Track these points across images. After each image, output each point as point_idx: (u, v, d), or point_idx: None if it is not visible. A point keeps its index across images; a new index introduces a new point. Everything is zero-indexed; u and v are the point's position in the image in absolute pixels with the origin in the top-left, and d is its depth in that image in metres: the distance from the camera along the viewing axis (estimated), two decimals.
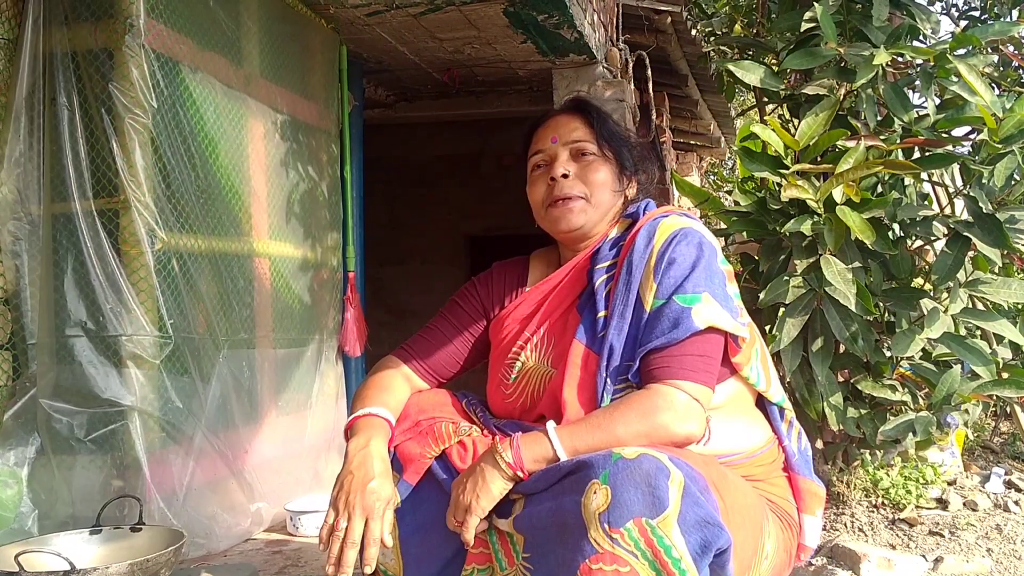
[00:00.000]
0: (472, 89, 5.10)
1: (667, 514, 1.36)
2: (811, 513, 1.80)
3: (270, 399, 3.27)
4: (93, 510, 2.38)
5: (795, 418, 1.83)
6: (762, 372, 1.76)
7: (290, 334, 3.44)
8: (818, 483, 1.82)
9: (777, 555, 1.70)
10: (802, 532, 1.80)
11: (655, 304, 1.65)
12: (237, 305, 3.05)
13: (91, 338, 2.58)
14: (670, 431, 1.55)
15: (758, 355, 1.76)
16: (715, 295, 1.64)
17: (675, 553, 1.36)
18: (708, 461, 1.58)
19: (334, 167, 3.87)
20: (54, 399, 2.54)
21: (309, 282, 3.61)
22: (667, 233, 1.71)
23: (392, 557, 1.73)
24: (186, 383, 2.75)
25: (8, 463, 2.51)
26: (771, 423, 1.81)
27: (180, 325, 2.72)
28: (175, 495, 2.64)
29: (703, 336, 1.62)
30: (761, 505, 1.68)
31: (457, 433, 1.72)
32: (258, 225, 3.25)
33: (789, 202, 2.82)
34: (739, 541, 1.49)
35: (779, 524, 1.73)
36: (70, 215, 2.59)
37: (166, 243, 2.68)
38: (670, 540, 1.36)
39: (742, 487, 1.65)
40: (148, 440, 2.59)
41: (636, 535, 1.36)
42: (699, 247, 1.69)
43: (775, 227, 2.82)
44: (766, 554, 1.65)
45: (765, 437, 1.77)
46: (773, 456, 1.78)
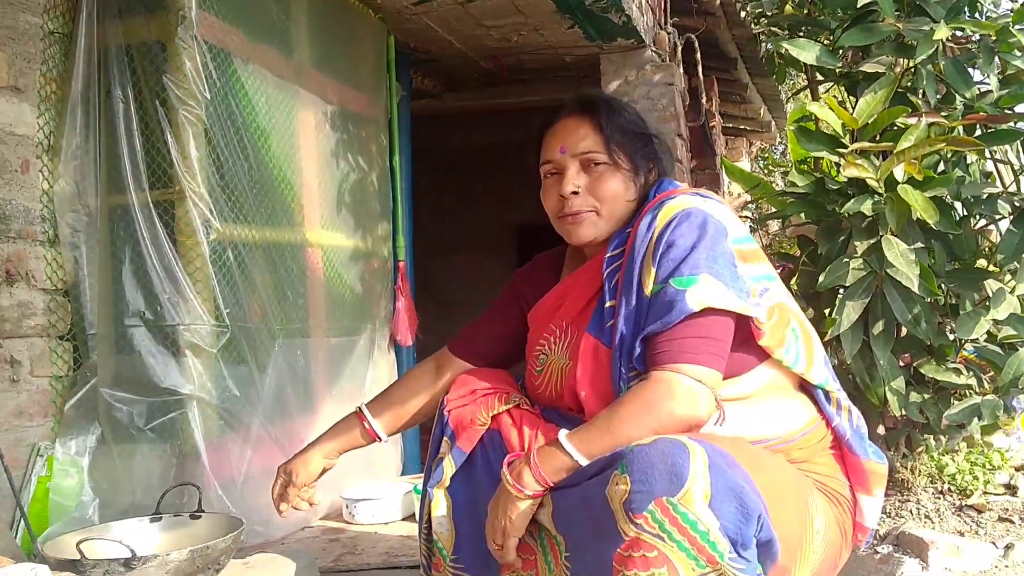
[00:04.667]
0: (519, 77, 5.06)
1: (687, 489, 1.33)
2: (867, 492, 1.72)
3: (324, 388, 3.28)
4: (153, 498, 2.40)
5: (845, 397, 1.74)
6: (802, 353, 1.67)
7: (343, 323, 3.45)
8: (876, 460, 1.73)
9: (829, 529, 1.63)
10: (858, 511, 1.74)
11: (654, 289, 1.60)
12: (291, 294, 3.06)
13: (149, 328, 2.60)
14: (676, 417, 1.51)
15: (797, 336, 1.68)
16: (717, 275, 1.57)
17: (701, 527, 1.33)
18: (738, 442, 1.53)
19: (383, 157, 3.87)
20: (114, 388, 2.57)
21: (360, 272, 3.62)
22: (669, 215, 1.66)
23: (447, 527, 1.75)
24: (243, 372, 2.76)
25: (69, 452, 2.55)
26: (816, 404, 1.73)
27: (236, 314, 2.73)
28: (233, 483, 2.66)
29: (703, 318, 1.55)
30: (804, 480, 1.63)
31: (507, 402, 1.75)
32: (310, 215, 3.26)
33: (848, 182, 2.76)
34: (780, 515, 1.44)
35: (827, 500, 1.67)
36: (127, 206, 2.61)
37: (221, 233, 2.70)
38: (694, 514, 1.33)
39: (779, 463, 1.59)
40: (207, 428, 2.61)
41: (659, 516, 1.34)
42: (701, 227, 1.62)
43: (834, 208, 2.76)
44: (816, 529, 1.59)
45: (807, 419, 1.70)
46: (819, 436, 1.71)
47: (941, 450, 3.01)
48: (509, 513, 1.57)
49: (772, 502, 1.41)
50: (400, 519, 3.07)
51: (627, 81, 4.32)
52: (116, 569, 1.79)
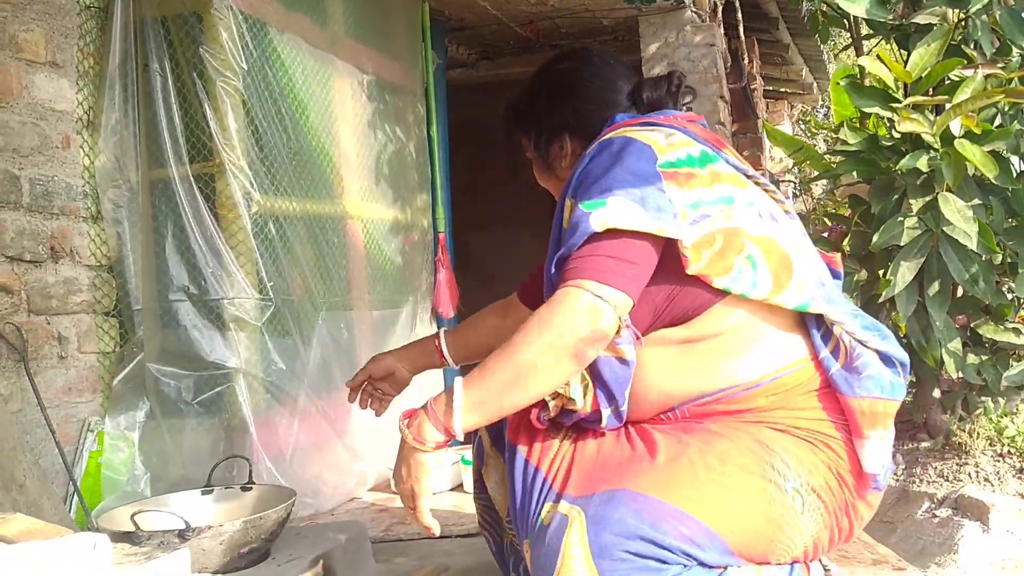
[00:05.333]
0: (555, 43, 4.99)
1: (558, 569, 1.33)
2: (857, 435, 1.49)
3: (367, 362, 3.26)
4: (203, 471, 2.40)
5: (850, 326, 1.51)
6: (764, 279, 1.47)
7: (384, 296, 3.43)
8: (865, 397, 1.49)
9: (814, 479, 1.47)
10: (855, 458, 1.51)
11: (567, 217, 1.50)
12: (333, 267, 3.04)
13: (194, 302, 2.59)
14: (576, 331, 1.38)
15: (756, 263, 1.48)
16: (630, 196, 1.43)
17: None
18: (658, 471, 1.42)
19: (420, 127, 3.83)
20: (161, 363, 2.57)
21: (400, 244, 3.59)
22: (593, 148, 1.55)
23: (499, 491, 1.77)
24: (288, 345, 2.75)
25: (119, 427, 2.55)
26: (810, 338, 1.53)
27: (279, 287, 2.72)
28: (282, 456, 2.65)
29: (611, 240, 1.42)
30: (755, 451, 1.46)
31: None
32: (349, 187, 3.23)
33: (902, 138, 2.68)
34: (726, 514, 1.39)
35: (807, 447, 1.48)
36: (167, 181, 2.60)
37: (262, 206, 2.68)
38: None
39: (715, 456, 1.44)
40: (254, 402, 2.60)
41: None
42: (619, 151, 1.49)
43: (888, 165, 2.68)
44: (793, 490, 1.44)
45: (783, 362, 1.50)
46: (798, 379, 1.50)
47: (1000, 412, 2.94)
48: (414, 471, 1.45)
49: (706, 508, 1.38)
50: (448, 489, 3.06)
51: (667, 43, 4.24)
52: (171, 540, 1.78)
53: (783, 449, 1.46)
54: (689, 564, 1.36)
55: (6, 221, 2.31)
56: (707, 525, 1.36)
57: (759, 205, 1.56)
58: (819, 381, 1.51)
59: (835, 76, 3.28)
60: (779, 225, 1.56)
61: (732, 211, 1.51)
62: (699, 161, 1.54)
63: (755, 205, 1.55)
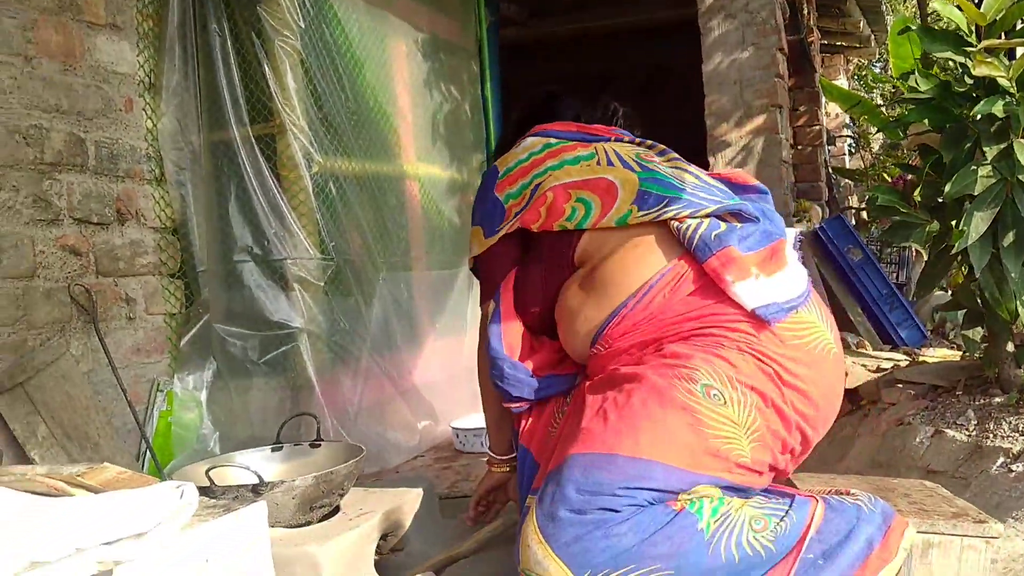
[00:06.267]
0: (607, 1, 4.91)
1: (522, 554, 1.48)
2: (726, 286, 1.60)
3: (428, 322, 3.27)
4: (270, 430, 2.43)
5: (685, 219, 1.69)
6: (594, 209, 1.75)
7: (442, 256, 3.43)
8: (725, 249, 1.63)
9: (727, 370, 1.54)
10: (755, 320, 1.60)
11: None
12: (392, 227, 3.04)
13: (257, 263, 2.61)
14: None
15: (588, 201, 1.76)
16: (478, 220, 1.89)
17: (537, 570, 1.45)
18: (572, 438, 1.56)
19: (475, 86, 3.80)
20: (227, 324, 2.59)
21: (458, 204, 3.58)
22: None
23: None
24: (350, 305, 2.76)
25: (188, 387, 2.59)
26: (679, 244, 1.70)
27: (341, 247, 2.73)
28: (347, 414, 2.67)
29: (480, 265, 1.93)
30: (658, 378, 1.54)
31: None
32: (406, 147, 3.22)
33: (975, 84, 2.58)
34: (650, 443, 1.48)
35: (706, 344, 1.58)
36: (229, 142, 2.61)
37: (322, 166, 2.68)
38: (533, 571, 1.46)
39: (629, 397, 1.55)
40: (318, 361, 2.62)
41: None
42: (480, 188, 1.91)
43: (961, 112, 2.59)
44: (696, 392, 1.51)
45: (658, 266, 1.68)
46: (674, 278, 1.65)
47: None
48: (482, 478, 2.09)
49: (627, 442, 1.48)
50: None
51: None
52: (245, 495, 1.80)
53: (686, 357, 1.57)
54: (639, 502, 1.44)
55: (73, 184, 2.34)
56: (634, 456, 1.46)
57: (601, 156, 1.83)
58: (692, 275, 1.66)
59: (894, 27, 3.16)
60: (616, 168, 1.80)
61: (560, 173, 1.81)
62: (537, 152, 1.87)
63: (595, 157, 1.83)
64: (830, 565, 1.44)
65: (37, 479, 1.08)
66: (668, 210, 1.70)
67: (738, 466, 1.51)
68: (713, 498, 1.49)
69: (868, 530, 1.48)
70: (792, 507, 1.50)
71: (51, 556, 0.94)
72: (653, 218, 1.71)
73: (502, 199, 1.87)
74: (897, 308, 4.15)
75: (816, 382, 1.61)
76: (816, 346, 1.63)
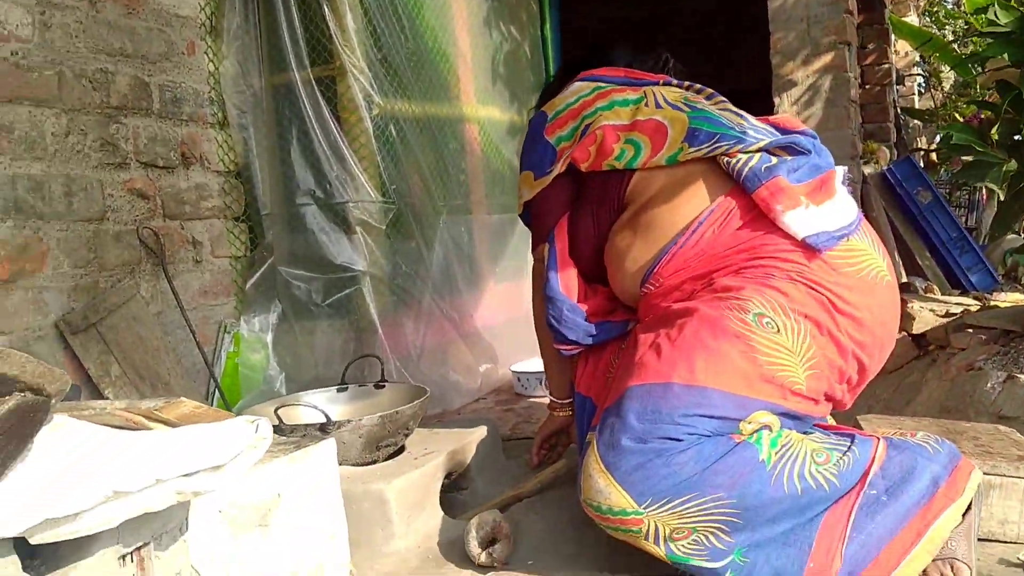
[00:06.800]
0: None
1: (583, 487, 1.51)
2: (775, 215, 1.59)
3: (488, 266, 3.27)
4: (335, 371, 2.46)
5: (734, 155, 1.68)
6: (644, 147, 1.75)
7: (502, 200, 3.41)
8: (774, 179, 1.62)
9: (778, 299, 1.54)
10: (807, 250, 1.59)
11: None
12: (452, 170, 3.03)
13: (320, 206, 2.62)
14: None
15: (637, 141, 1.76)
16: (527, 166, 1.92)
17: (605, 506, 1.46)
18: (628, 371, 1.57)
19: (534, 26, 3.74)
20: (291, 266, 2.62)
21: (517, 146, 3.54)
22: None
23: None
24: (411, 249, 2.77)
25: (254, 329, 2.63)
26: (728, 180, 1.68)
27: (402, 190, 2.73)
28: (409, 356, 2.69)
29: (532, 209, 1.94)
30: (710, 309, 1.55)
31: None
32: (466, 88, 3.19)
33: None
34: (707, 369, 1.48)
35: (757, 274, 1.58)
36: (290, 85, 2.61)
37: (382, 108, 2.67)
38: (596, 501, 1.47)
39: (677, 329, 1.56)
40: (380, 304, 2.64)
41: (589, 515, 1.53)
42: (526, 134, 1.95)
43: None
44: (749, 321, 1.51)
45: (705, 203, 1.68)
46: (716, 218, 1.65)
47: None
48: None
49: (682, 371, 1.48)
50: None
51: None
52: (314, 433, 1.82)
53: (737, 289, 1.56)
54: (700, 431, 1.44)
55: (139, 127, 2.36)
56: (689, 384, 1.46)
57: (649, 99, 1.82)
58: (741, 210, 1.65)
59: None
60: (665, 109, 1.80)
61: (609, 114, 1.81)
62: (586, 94, 1.87)
63: (644, 100, 1.82)
64: (894, 502, 1.42)
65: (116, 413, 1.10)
66: (719, 145, 1.70)
67: (793, 393, 1.51)
68: (773, 430, 1.48)
69: (933, 469, 1.46)
70: (854, 443, 1.49)
71: (133, 486, 0.96)
72: (704, 154, 1.70)
73: (552, 141, 1.88)
74: (967, 252, 4.04)
75: (870, 309, 1.59)
76: (869, 273, 1.60)
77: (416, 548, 1.86)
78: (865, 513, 1.41)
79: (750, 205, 1.64)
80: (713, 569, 1.42)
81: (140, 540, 1.11)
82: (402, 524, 1.87)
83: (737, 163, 1.67)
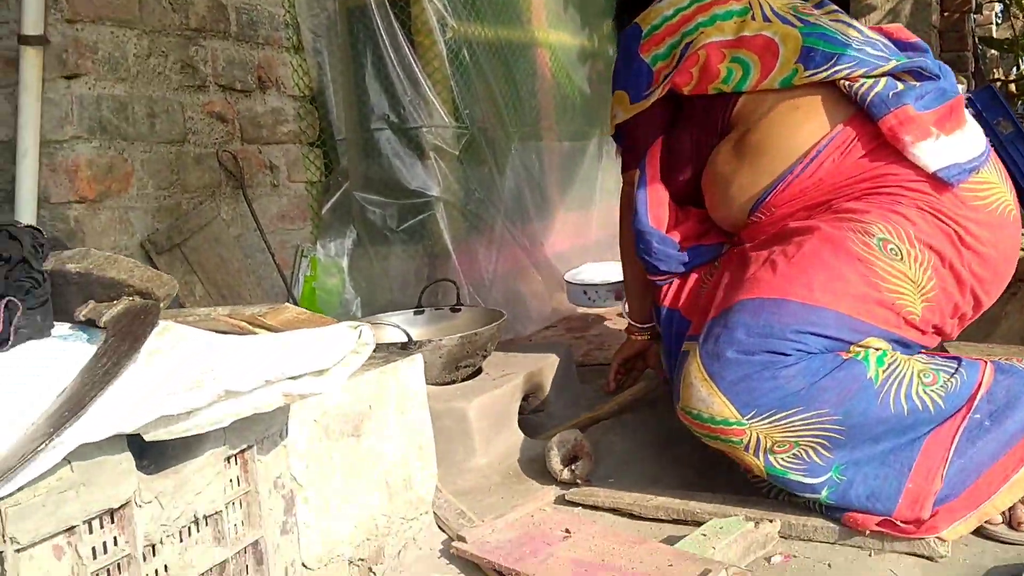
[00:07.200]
0: None
1: (683, 390, 1.49)
2: (903, 147, 1.52)
3: (558, 194, 3.25)
4: (409, 296, 2.49)
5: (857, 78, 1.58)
6: (752, 68, 1.66)
7: (572, 127, 3.38)
8: (903, 107, 1.53)
9: (902, 227, 1.49)
10: (932, 181, 1.52)
11: None
12: (524, 95, 3.00)
13: (394, 131, 2.62)
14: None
15: (744, 59, 1.68)
16: (621, 85, 1.83)
17: (706, 414, 1.45)
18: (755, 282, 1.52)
19: None
20: (365, 192, 2.63)
21: (587, 73, 3.50)
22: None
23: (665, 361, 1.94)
24: (484, 174, 2.76)
25: (330, 254, 2.65)
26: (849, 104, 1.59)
27: (475, 116, 2.71)
28: (482, 282, 2.70)
29: (624, 130, 1.87)
30: (832, 229, 1.50)
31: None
32: (537, 12, 3.14)
33: None
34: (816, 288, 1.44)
35: (882, 201, 1.52)
36: (364, 7, 2.59)
37: (456, 31, 2.64)
38: (696, 408, 1.46)
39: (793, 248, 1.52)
40: (454, 229, 2.64)
41: (686, 423, 1.52)
42: (618, 53, 1.87)
43: None
44: (873, 245, 1.47)
45: (825, 129, 1.59)
46: (837, 146, 1.57)
47: None
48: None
49: (800, 287, 1.45)
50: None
51: None
52: (395, 352, 1.85)
53: (861, 212, 1.52)
54: (809, 349, 1.41)
55: (217, 50, 2.37)
56: (806, 302, 1.43)
57: (755, 10, 1.73)
58: (864, 139, 1.56)
59: None
60: (774, 23, 1.70)
61: (712, 31, 1.71)
62: (685, 7, 1.78)
63: (750, 11, 1.73)
64: (997, 428, 1.40)
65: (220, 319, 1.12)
66: (839, 69, 1.59)
67: (907, 323, 1.48)
68: (880, 349, 1.46)
69: None
70: (961, 366, 1.45)
71: (243, 387, 0.98)
72: (823, 78, 1.60)
73: (648, 61, 1.80)
74: None
75: (996, 245, 1.54)
76: (998, 207, 1.54)
77: (496, 465, 1.88)
78: (967, 437, 1.39)
79: (874, 133, 1.56)
80: (810, 484, 1.41)
81: (244, 443, 1.14)
82: (482, 441, 1.90)
83: (860, 88, 1.57)
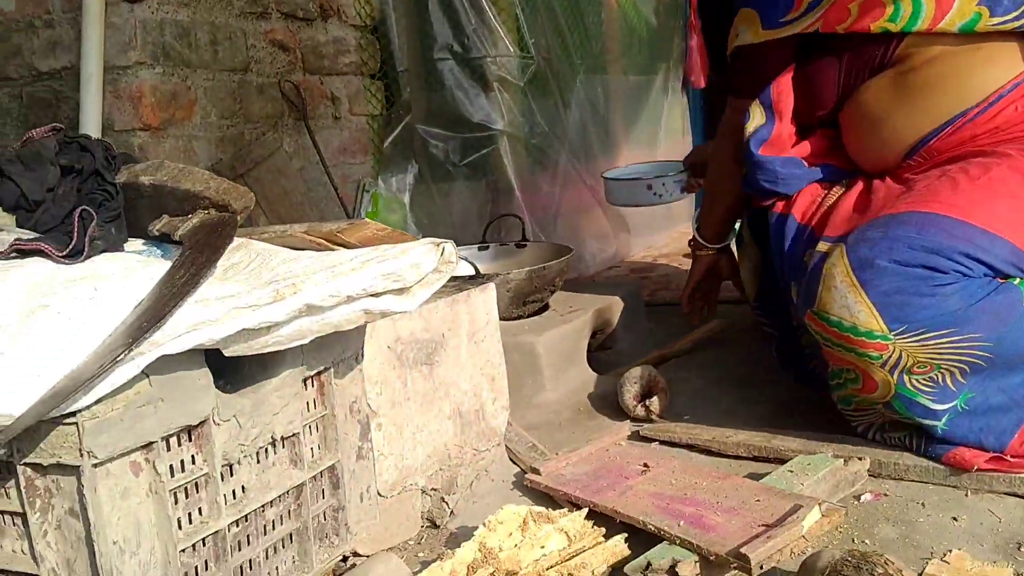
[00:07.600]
0: None
1: (820, 295, 1.37)
2: None
3: (622, 130, 3.16)
4: (472, 232, 2.43)
5: None
6: (925, 4, 1.45)
7: (638, 60, 3.27)
8: None
9: None
10: None
11: None
12: (590, 25, 2.90)
13: (457, 61, 2.54)
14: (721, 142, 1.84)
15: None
16: (749, 2, 1.64)
17: (847, 323, 1.34)
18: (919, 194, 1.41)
19: None
20: (428, 125, 2.57)
21: (654, 4, 3.38)
22: None
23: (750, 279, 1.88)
24: (549, 107, 2.69)
25: (391, 189, 2.60)
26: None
27: (540, 46, 2.63)
28: (546, 218, 2.65)
29: (745, 56, 1.67)
30: (1008, 157, 1.40)
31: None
32: None
33: None
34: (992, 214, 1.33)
35: None
36: None
37: None
38: (836, 314, 1.35)
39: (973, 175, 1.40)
40: (518, 164, 2.58)
41: (815, 328, 1.40)
42: None
43: None
44: None
45: (1009, 75, 1.44)
46: (1023, 92, 1.43)
47: None
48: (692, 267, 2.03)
49: (977, 210, 1.34)
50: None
51: None
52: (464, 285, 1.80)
53: None
54: (970, 273, 1.31)
55: None
56: (985, 228, 1.32)
57: None
58: None
59: None
60: None
61: None
62: None
63: None
64: None
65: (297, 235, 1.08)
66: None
67: None
68: None
69: None
70: None
71: (325, 302, 0.94)
72: (1014, 28, 1.43)
73: None
74: None
75: None
76: None
77: (566, 401, 1.84)
78: None
79: None
80: (933, 411, 1.34)
81: (321, 364, 1.10)
82: (552, 377, 1.86)
83: None
